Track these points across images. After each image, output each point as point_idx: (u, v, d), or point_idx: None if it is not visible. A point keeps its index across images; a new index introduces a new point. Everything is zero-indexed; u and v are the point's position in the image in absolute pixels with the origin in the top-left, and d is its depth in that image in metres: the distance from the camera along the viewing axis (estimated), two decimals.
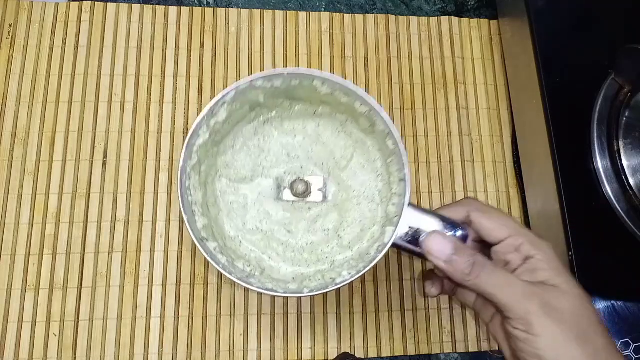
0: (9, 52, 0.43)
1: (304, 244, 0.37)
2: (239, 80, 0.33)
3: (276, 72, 0.33)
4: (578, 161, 0.41)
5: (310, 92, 0.35)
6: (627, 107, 0.40)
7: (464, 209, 0.32)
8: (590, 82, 0.42)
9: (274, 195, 0.37)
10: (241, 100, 0.34)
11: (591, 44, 0.43)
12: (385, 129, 0.34)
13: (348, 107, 0.36)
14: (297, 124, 0.38)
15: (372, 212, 0.37)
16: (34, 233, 0.40)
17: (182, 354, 0.39)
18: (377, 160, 0.38)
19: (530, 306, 0.27)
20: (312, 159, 0.38)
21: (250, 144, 0.38)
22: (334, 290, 0.31)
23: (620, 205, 0.40)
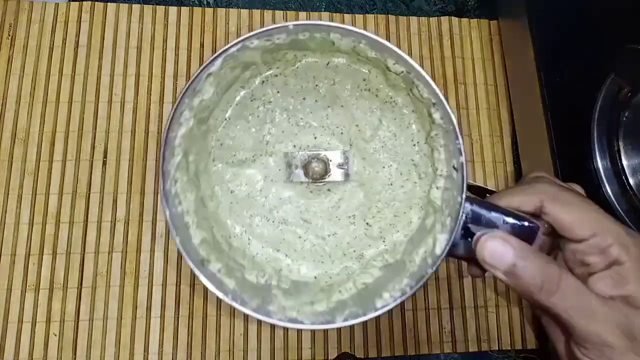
0: (9, 52, 0.43)
1: (326, 236, 0.30)
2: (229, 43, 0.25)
3: (277, 26, 0.25)
4: (578, 161, 0.41)
5: (321, 43, 0.28)
6: (627, 107, 0.40)
7: (536, 198, 0.25)
8: (590, 82, 0.42)
9: (284, 176, 0.30)
10: (231, 64, 0.27)
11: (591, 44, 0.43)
12: (429, 96, 0.26)
13: (376, 63, 0.29)
14: (306, 82, 0.30)
15: (407, 192, 0.30)
16: (34, 233, 0.40)
17: (182, 353, 0.39)
18: (413, 125, 0.30)
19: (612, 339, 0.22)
20: (328, 127, 0.31)
21: (247, 113, 0.30)
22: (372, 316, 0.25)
23: (620, 205, 0.40)
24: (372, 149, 0.30)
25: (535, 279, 0.22)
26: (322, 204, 0.31)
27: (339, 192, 0.31)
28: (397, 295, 0.25)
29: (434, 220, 0.28)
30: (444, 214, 0.27)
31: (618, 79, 0.41)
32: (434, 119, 0.27)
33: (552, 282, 0.22)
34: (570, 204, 0.24)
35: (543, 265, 0.23)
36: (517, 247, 0.23)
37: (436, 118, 0.27)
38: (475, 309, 0.43)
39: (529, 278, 0.22)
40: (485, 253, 0.23)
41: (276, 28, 0.25)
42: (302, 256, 0.30)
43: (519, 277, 0.23)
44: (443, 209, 0.27)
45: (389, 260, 0.29)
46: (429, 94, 0.26)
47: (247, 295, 0.26)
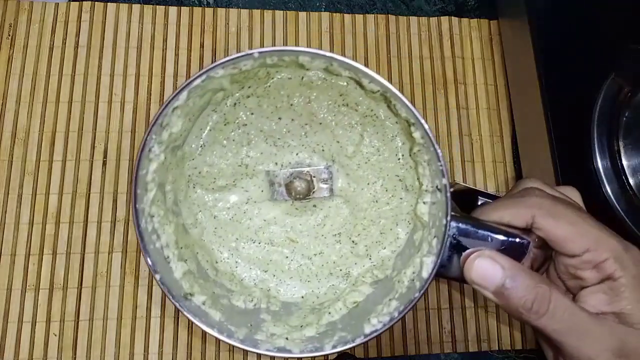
0: (8, 52, 0.43)
1: (312, 255, 0.30)
2: (192, 75, 0.24)
3: (242, 55, 0.24)
4: (578, 161, 0.41)
5: (292, 66, 0.27)
6: (628, 107, 0.40)
7: (528, 212, 0.24)
8: (590, 82, 0.42)
9: (267, 196, 0.30)
10: (198, 93, 0.26)
11: (591, 44, 0.43)
12: (407, 116, 0.26)
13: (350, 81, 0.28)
14: (280, 102, 0.29)
15: (393, 209, 0.29)
16: (34, 233, 0.40)
17: (182, 353, 0.39)
18: (397, 137, 0.29)
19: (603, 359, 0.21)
20: (309, 145, 0.30)
21: (222, 137, 0.29)
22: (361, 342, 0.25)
23: (621, 205, 0.40)
24: (356, 165, 0.30)
25: (524, 300, 0.22)
26: (307, 221, 0.30)
27: (325, 209, 0.30)
28: (385, 321, 0.25)
29: (422, 236, 0.27)
30: (430, 232, 0.26)
31: (618, 79, 0.41)
32: (415, 138, 0.26)
33: (542, 303, 0.22)
34: (563, 217, 0.23)
35: (533, 286, 0.22)
36: (506, 267, 0.22)
37: (417, 137, 0.26)
38: (475, 309, 0.43)
39: (518, 299, 0.22)
40: (473, 273, 0.23)
41: (241, 56, 0.24)
42: (290, 276, 0.30)
43: (507, 297, 0.22)
44: (430, 226, 0.26)
45: (379, 276, 0.28)
46: (407, 113, 0.25)
47: (234, 324, 0.26)
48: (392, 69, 0.47)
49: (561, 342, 0.22)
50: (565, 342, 0.22)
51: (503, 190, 0.46)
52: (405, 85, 0.47)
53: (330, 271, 0.30)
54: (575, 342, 0.21)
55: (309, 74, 0.28)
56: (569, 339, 0.21)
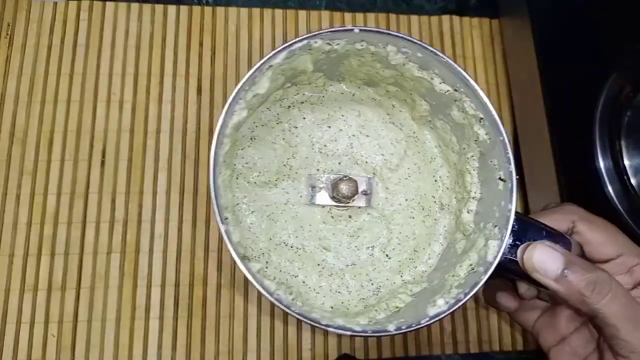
0: (7, 52, 0.43)
1: (344, 265, 0.30)
2: (293, 39, 0.25)
3: (344, 29, 0.26)
4: (580, 161, 0.40)
5: (367, 62, 0.28)
6: (629, 107, 0.40)
7: (568, 217, 0.26)
8: (592, 82, 0.42)
9: (306, 199, 0.30)
10: (285, 67, 0.27)
11: (593, 44, 0.42)
12: (477, 112, 0.27)
13: (412, 86, 0.29)
14: (332, 111, 0.31)
15: (428, 227, 0.30)
16: (32, 233, 0.40)
17: (181, 355, 0.39)
18: (437, 159, 0.31)
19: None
20: (353, 155, 0.31)
21: (274, 135, 0.30)
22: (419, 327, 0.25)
23: (623, 206, 0.39)
24: (397, 179, 0.31)
25: (586, 282, 0.22)
26: (342, 231, 0.30)
27: (360, 221, 0.30)
28: (452, 303, 0.25)
29: (466, 242, 0.28)
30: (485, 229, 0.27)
31: (620, 79, 0.41)
32: (478, 136, 0.27)
33: (603, 286, 0.22)
34: (599, 225, 0.26)
35: (594, 270, 0.23)
36: (565, 254, 0.23)
37: (480, 134, 0.27)
38: (476, 309, 0.42)
39: (579, 282, 0.22)
40: (535, 260, 0.23)
41: (341, 31, 0.25)
42: (319, 285, 0.29)
43: (569, 282, 0.23)
44: (479, 227, 0.27)
45: (414, 290, 0.28)
46: (476, 109, 0.26)
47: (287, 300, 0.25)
48: None
49: (617, 326, 0.22)
50: (622, 326, 0.22)
51: None
52: None
53: (362, 284, 0.30)
54: (631, 327, 0.22)
55: (359, 94, 0.30)
56: (626, 324, 0.22)
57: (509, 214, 0.25)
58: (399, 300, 0.28)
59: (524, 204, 0.45)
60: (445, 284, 0.27)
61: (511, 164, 0.25)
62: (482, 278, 0.25)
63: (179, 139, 0.43)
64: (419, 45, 0.26)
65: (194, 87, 0.44)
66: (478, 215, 0.28)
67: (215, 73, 0.45)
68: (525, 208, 0.45)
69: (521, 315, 0.30)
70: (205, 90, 0.45)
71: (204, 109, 0.44)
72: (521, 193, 0.46)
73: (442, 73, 0.27)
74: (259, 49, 0.46)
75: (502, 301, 0.29)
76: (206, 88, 0.45)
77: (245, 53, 0.46)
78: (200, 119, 0.44)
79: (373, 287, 0.30)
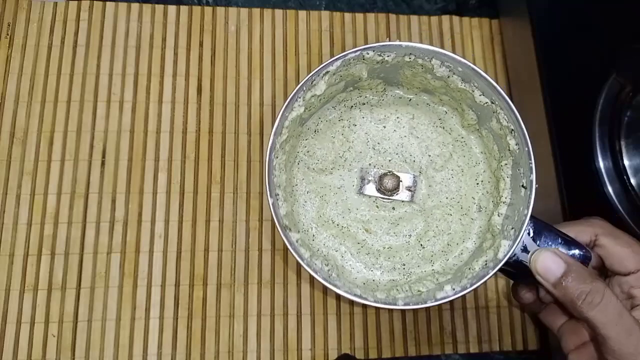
0: (7, 52, 0.43)
1: (381, 247, 0.33)
2: (349, 50, 0.29)
3: (392, 43, 0.29)
4: (580, 161, 0.40)
5: (419, 73, 0.32)
6: (629, 107, 0.40)
7: (592, 230, 0.28)
8: (591, 82, 0.42)
9: (356, 188, 0.34)
10: (342, 73, 0.31)
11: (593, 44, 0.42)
12: (508, 124, 0.30)
13: (460, 96, 0.32)
14: (388, 113, 0.34)
15: (464, 225, 0.33)
16: (32, 233, 0.40)
17: (181, 355, 0.39)
18: (480, 164, 0.34)
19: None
20: (402, 154, 0.34)
21: (334, 130, 0.34)
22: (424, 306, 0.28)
23: (622, 206, 0.39)
24: (440, 178, 0.34)
25: (579, 291, 0.25)
26: (384, 218, 0.33)
27: (402, 211, 0.34)
28: (458, 289, 0.27)
29: (492, 242, 0.30)
30: (505, 230, 0.29)
31: (620, 79, 0.41)
32: (509, 146, 0.30)
33: (595, 296, 0.24)
34: (623, 240, 0.27)
35: (590, 281, 0.25)
36: (568, 262, 0.25)
37: (511, 144, 0.30)
38: (476, 309, 0.43)
39: (574, 290, 0.25)
40: (539, 264, 0.26)
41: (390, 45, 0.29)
42: (357, 261, 0.33)
43: (565, 288, 0.25)
44: (503, 230, 0.30)
45: (440, 279, 0.31)
46: (508, 121, 0.30)
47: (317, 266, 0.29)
48: None
49: (607, 335, 0.24)
50: (611, 336, 0.24)
51: None
52: None
53: (394, 266, 0.33)
54: (621, 337, 0.24)
55: (417, 98, 0.34)
56: (615, 334, 0.24)
57: (524, 218, 0.27)
58: (423, 286, 0.30)
59: None
60: (461, 275, 0.29)
61: (532, 173, 0.28)
62: (490, 272, 0.27)
63: (179, 139, 0.43)
64: (458, 60, 0.29)
65: (194, 87, 0.44)
66: (507, 219, 0.30)
67: (216, 73, 0.45)
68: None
69: (549, 317, 0.31)
70: (205, 90, 0.45)
71: (204, 109, 0.44)
72: None
73: (481, 86, 0.30)
74: (259, 48, 0.46)
75: (525, 296, 0.31)
76: (206, 88, 0.45)
77: (246, 53, 0.46)
78: (200, 119, 0.44)
79: (404, 271, 0.33)
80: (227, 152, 0.43)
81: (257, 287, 0.41)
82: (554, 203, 0.40)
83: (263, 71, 0.46)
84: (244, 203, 0.42)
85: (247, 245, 0.42)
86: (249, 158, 0.43)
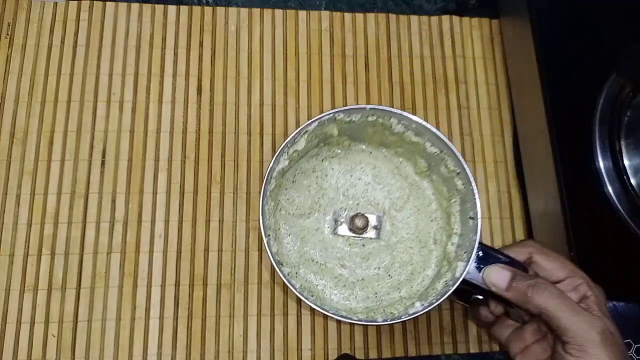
0: (7, 52, 0.43)
1: (356, 280, 0.38)
2: (322, 113, 0.35)
3: (358, 107, 0.36)
4: (580, 161, 0.40)
5: (379, 130, 0.37)
6: (629, 107, 0.40)
7: (526, 250, 0.34)
8: (591, 82, 0.42)
9: (331, 229, 0.39)
10: (317, 132, 0.36)
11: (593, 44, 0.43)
12: (455, 168, 0.36)
13: (413, 148, 0.38)
14: (354, 164, 0.40)
15: (424, 256, 0.38)
16: (32, 233, 0.40)
17: (181, 355, 0.39)
18: (433, 204, 0.39)
19: (591, 335, 0.28)
20: (368, 198, 0.40)
21: (310, 180, 0.39)
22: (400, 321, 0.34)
23: (622, 206, 0.39)
24: (401, 217, 0.39)
25: (527, 285, 0.30)
26: (356, 254, 0.39)
27: (370, 248, 0.39)
28: (426, 304, 0.33)
29: (448, 267, 0.36)
30: (459, 255, 0.35)
31: (620, 79, 0.41)
32: (457, 186, 0.36)
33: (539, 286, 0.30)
34: (551, 255, 0.33)
35: (533, 277, 0.31)
36: (512, 271, 0.32)
37: (458, 184, 0.36)
38: None
39: (523, 286, 0.31)
40: (492, 277, 0.32)
41: (357, 107, 0.35)
42: (335, 293, 0.38)
43: (516, 288, 0.31)
44: (457, 255, 0.35)
45: (407, 303, 0.36)
46: (455, 166, 0.35)
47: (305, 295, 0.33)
48: (393, 68, 0.47)
49: (557, 316, 0.29)
50: (561, 315, 0.29)
51: (504, 190, 0.46)
52: (405, 85, 0.47)
53: (368, 295, 0.38)
54: (571, 316, 0.29)
55: (377, 152, 0.40)
56: (564, 314, 0.29)
57: (474, 243, 0.33)
58: (395, 309, 0.35)
59: (524, 203, 0.45)
60: (427, 295, 0.35)
61: (477, 207, 0.34)
62: (450, 289, 0.33)
63: (179, 139, 0.43)
64: (412, 119, 0.35)
65: (194, 87, 0.45)
66: (459, 246, 0.36)
67: (216, 73, 0.45)
68: (525, 207, 0.45)
69: (497, 330, 0.36)
70: (205, 89, 0.45)
71: (204, 109, 0.44)
72: (521, 193, 0.46)
73: (431, 139, 0.36)
74: (259, 48, 0.46)
75: (482, 313, 0.36)
76: (206, 88, 0.45)
77: (246, 53, 0.46)
78: (200, 119, 0.44)
79: (376, 299, 0.37)
80: (227, 152, 0.43)
81: (257, 287, 0.41)
82: (554, 203, 0.40)
83: (263, 71, 0.46)
84: (244, 203, 0.42)
85: (247, 245, 0.42)
86: (249, 158, 0.43)
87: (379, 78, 0.47)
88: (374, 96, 0.46)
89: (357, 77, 0.47)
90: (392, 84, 0.47)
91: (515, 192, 0.46)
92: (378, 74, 0.47)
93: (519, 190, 0.46)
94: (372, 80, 0.47)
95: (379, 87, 0.47)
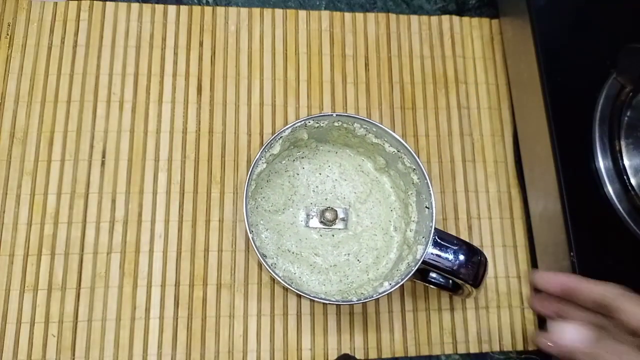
0: (7, 52, 0.43)
1: (329, 266, 0.41)
2: (295, 121, 0.38)
3: (326, 115, 0.39)
4: (579, 161, 0.40)
5: (343, 133, 0.41)
6: (629, 107, 0.40)
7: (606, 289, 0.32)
8: (591, 82, 0.42)
9: (304, 222, 0.42)
10: (290, 136, 0.39)
11: (593, 43, 0.43)
12: (411, 165, 0.39)
13: (373, 148, 0.42)
14: (321, 163, 0.44)
15: (386, 242, 0.42)
16: (32, 233, 0.40)
17: (181, 355, 0.39)
18: (392, 196, 0.43)
19: None
20: (335, 193, 0.43)
21: (283, 179, 0.42)
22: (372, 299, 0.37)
23: (622, 206, 0.39)
24: (365, 209, 0.43)
25: None
26: (328, 243, 0.42)
27: (340, 237, 0.43)
28: (392, 284, 0.36)
29: (409, 250, 0.39)
30: (417, 240, 0.39)
31: (620, 79, 0.41)
32: (413, 180, 0.40)
33: None
34: None
35: None
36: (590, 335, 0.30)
37: (414, 179, 0.40)
38: (476, 309, 0.43)
39: None
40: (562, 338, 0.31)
41: (325, 115, 0.39)
42: (312, 279, 0.41)
43: None
44: (416, 240, 0.39)
45: (375, 284, 0.39)
46: (411, 163, 0.40)
47: None
48: (393, 68, 0.47)
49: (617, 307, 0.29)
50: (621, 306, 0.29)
51: (504, 190, 0.46)
52: (405, 84, 0.47)
53: (340, 279, 0.41)
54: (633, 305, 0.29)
55: (341, 152, 0.44)
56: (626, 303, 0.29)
57: (430, 229, 0.37)
58: (365, 290, 0.39)
59: (524, 203, 0.45)
60: (392, 275, 0.39)
61: (432, 197, 0.38)
62: (413, 269, 0.36)
63: (179, 139, 0.43)
64: (373, 123, 0.39)
65: (194, 87, 0.45)
66: (417, 232, 0.40)
67: (216, 73, 0.45)
68: (525, 207, 0.45)
69: None
70: (206, 89, 0.45)
71: (204, 109, 0.44)
72: (521, 193, 0.46)
73: (389, 140, 0.40)
74: (259, 48, 0.46)
75: None
76: (206, 87, 0.45)
77: (245, 53, 0.46)
78: (200, 119, 0.44)
79: (348, 281, 0.41)
80: (227, 152, 0.43)
81: (257, 287, 0.41)
82: (553, 203, 0.40)
83: (263, 71, 0.46)
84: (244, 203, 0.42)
85: (247, 245, 0.42)
86: (249, 158, 0.43)
87: (379, 78, 0.47)
88: (373, 96, 0.46)
89: (357, 77, 0.47)
90: (392, 84, 0.47)
91: (515, 192, 0.46)
92: (378, 73, 0.47)
93: (519, 190, 0.46)
94: (372, 80, 0.47)
95: (379, 87, 0.47)
